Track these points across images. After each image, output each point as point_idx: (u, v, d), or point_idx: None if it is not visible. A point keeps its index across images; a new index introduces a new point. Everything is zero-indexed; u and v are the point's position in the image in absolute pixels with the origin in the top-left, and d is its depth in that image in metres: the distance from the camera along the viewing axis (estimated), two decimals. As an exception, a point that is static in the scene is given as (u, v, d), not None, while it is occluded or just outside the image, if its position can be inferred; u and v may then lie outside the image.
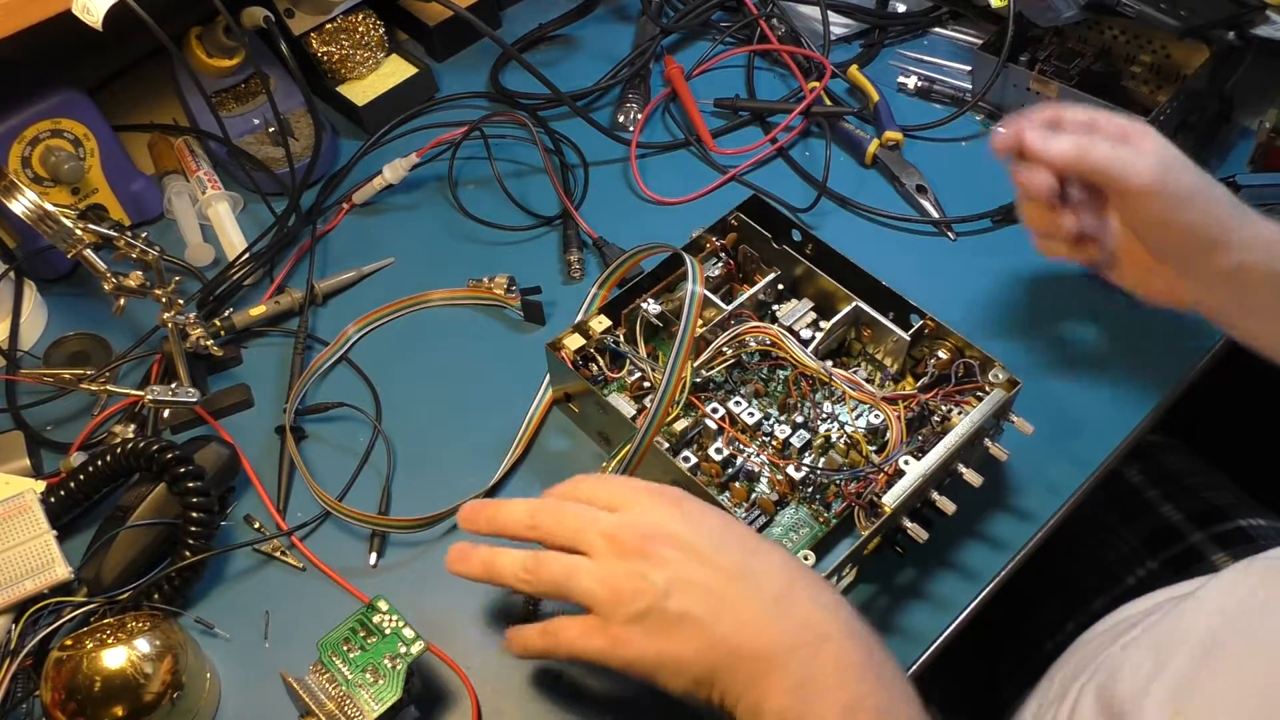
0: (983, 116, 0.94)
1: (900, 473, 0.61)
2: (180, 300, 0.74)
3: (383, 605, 0.60)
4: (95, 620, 0.60)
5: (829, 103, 0.94)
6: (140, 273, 0.72)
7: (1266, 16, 0.81)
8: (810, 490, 0.65)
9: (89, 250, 0.71)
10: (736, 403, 0.68)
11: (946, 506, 0.63)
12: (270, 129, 0.91)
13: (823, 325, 0.71)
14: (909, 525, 0.61)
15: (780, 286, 0.74)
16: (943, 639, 0.63)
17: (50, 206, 0.69)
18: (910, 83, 0.96)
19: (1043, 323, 0.77)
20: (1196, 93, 0.86)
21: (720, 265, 0.75)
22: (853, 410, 0.68)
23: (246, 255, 0.84)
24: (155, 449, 0.65)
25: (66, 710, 0.56)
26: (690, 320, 0.60)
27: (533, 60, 0.96)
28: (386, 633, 0.59)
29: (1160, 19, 0.79)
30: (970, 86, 0.95)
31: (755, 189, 0.87)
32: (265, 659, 0.64)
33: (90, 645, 0.57)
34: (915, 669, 0.62)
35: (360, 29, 0.96)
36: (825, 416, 0.68)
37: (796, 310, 0.73)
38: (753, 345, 0.69)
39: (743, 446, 0.67)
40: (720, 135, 0.94)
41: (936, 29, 1.03)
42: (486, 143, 0.92)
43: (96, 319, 0.82)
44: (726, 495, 0.66)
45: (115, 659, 0.57)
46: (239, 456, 0.71)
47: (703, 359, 0.69)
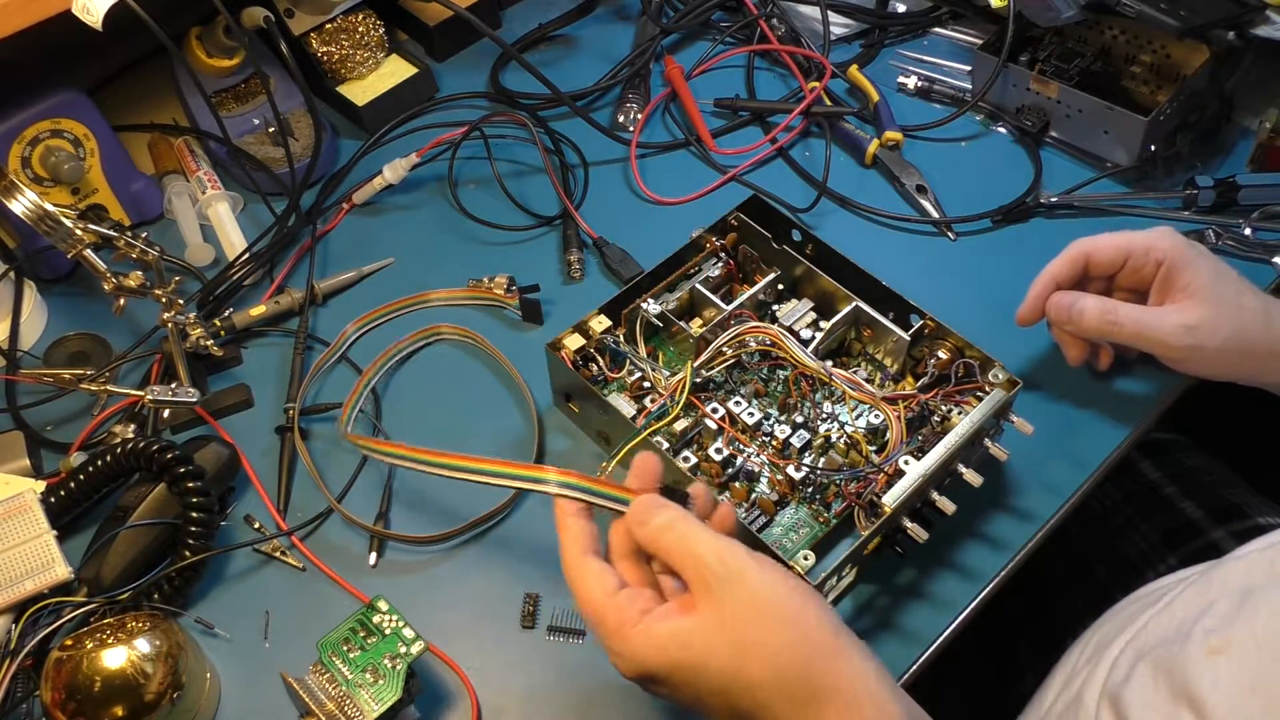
0: (983, 116, 0.94)
1: (900, 473, 0.61)
2: (180, 300, 0.74)
3: (383, 605, 0.60)
4: (95, 620, 0.60)
5: (829, 103, 0.94)
6: (140, 273, 0.72)
7: (1266, 16, 0.81)
8: (810, 490, 0.65)
9: (89, 250, 0.71)
10: (736, 403, 0.68)
11: (946, 506, 0.63)
12: (270, 129, 0.91)
13: (823, 325, 0.71)
14: (909, 525, 0.61)
15: (780, 286, 0.74)
16: (943, 638, 0.63)
17: (50, 206, 0.69)
18: (910, 83, 0.96)
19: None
20: (1196, 93, 0.86)
21: (720, 265, 0.75)
22: (853, 410, 0.68)
23: (246, 255, 0.84)
24: (155, 449, 0.65)
25: (66, 710, 0.56)
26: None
27: (533, 60, 0.96)
28: (386, 633, 0.59)
29: (1160, 19, 0.79)
30: (970, 86, 0.95)
31: (755, 189, 0.87)
32: (265, 659, 0.64)
33: (90, 645, 0.57)
34: (915, 669, 0.62)
35: (360, 29, 0.96)
36: (825, 416, 0.68)
37: (796, 310, 0.73)
38: (753, 345, 0.69)
39: (743, 446, 0.67)
40: (720, 135, 0.94)
41: (936, 29, 1.03)
42: (486, 143, 0.92)
43: (96, 319, 0.82)
44: (727, 495, 0.66)
45: (115, 659, 0.57)
46: (239, 456, 0.71)
47: (703, 359, 0.69)
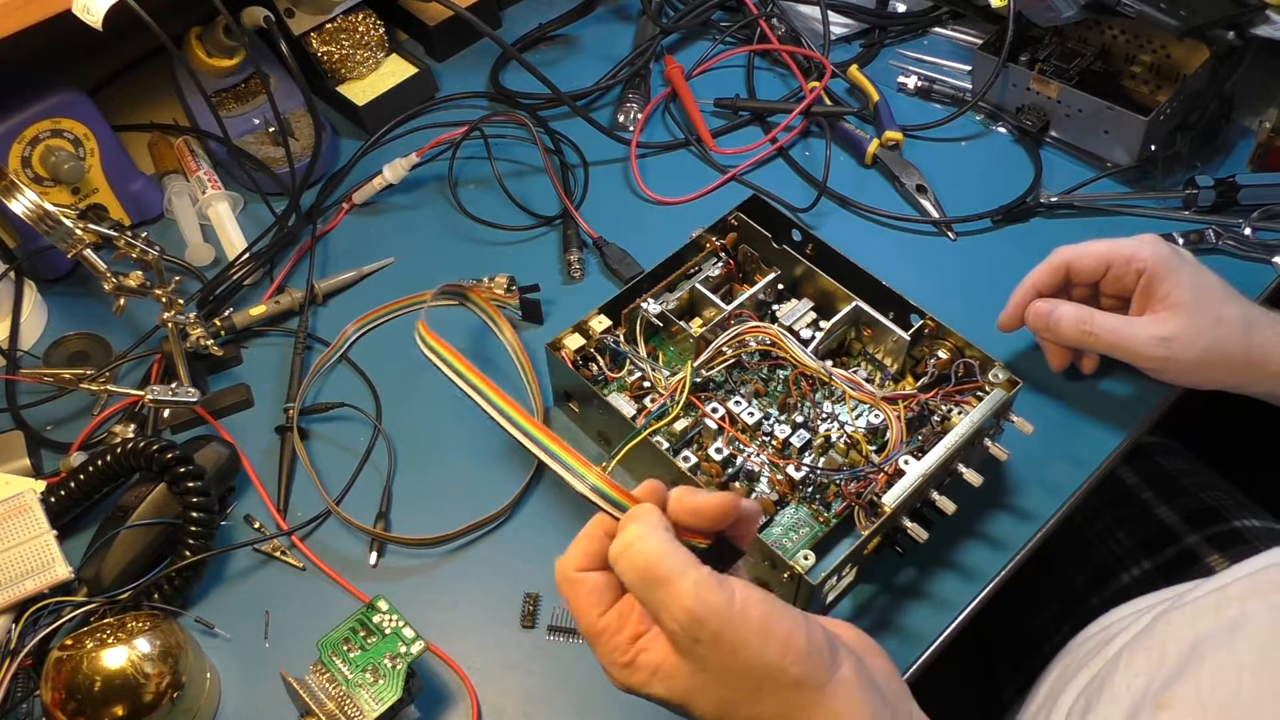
0: (983, 116, 0.94)
1: (900, 473, 0.61)
2: (180, 300, 0.74)
3: (383, 605, 0.60)
4: (95, 620, 0.60)
5: (829, 103, 0.94)
6: (140, 273, 0.72)
7: (1266, 16, 0.81)
8: (810, 490, 0.65)
9: (89, 250, 0.71)
10: (736, 403, 0.68)
11: (946, 506, 0.63)
12: (270, 129, 0.91)
13: (823, 325, 0.71)
14: (909, 525, 0.61)
15: (780, 286, 0.74)
16: (942, 639, 0.63)
17: (50, 206, 0.69)
18: (910, 83, 0.96)
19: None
20: (1196, 93, 0.86)
21: (720, 265, 0.75)
22: (853, 410, 0.68)
23: (246, 255, 0.84)
24: (155, 449, 0.65)
25: (66, 710, 0.56)
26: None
27: (533, 60, 0.96)
28: (386, 633, 0.59)
29: (1160, 19, 0.79)
30: (970, 86, 0.95)
31: (755, 189, 0.87)
32: (265, 659, 0.64)
33: (90, 645, 0.57)
34: (915, 669, 0.62)
35: (360, 29, 0.96)
36: (825, 416, 0.68)
37: (796, 310, 0.73)
38: (753, 345, 0.69)
39: (743, 446, 0.67)
40: (720, 135, 0.94)
41: (936, 29, 1.03)
42: (486, 143, 0.92)
43: (96, 319, 0.82)
44: (726, 495, 0.66)
45: (115, 659, 0.57)
46: (239, 456, 0.71)
47: (703, 359, 0.69)
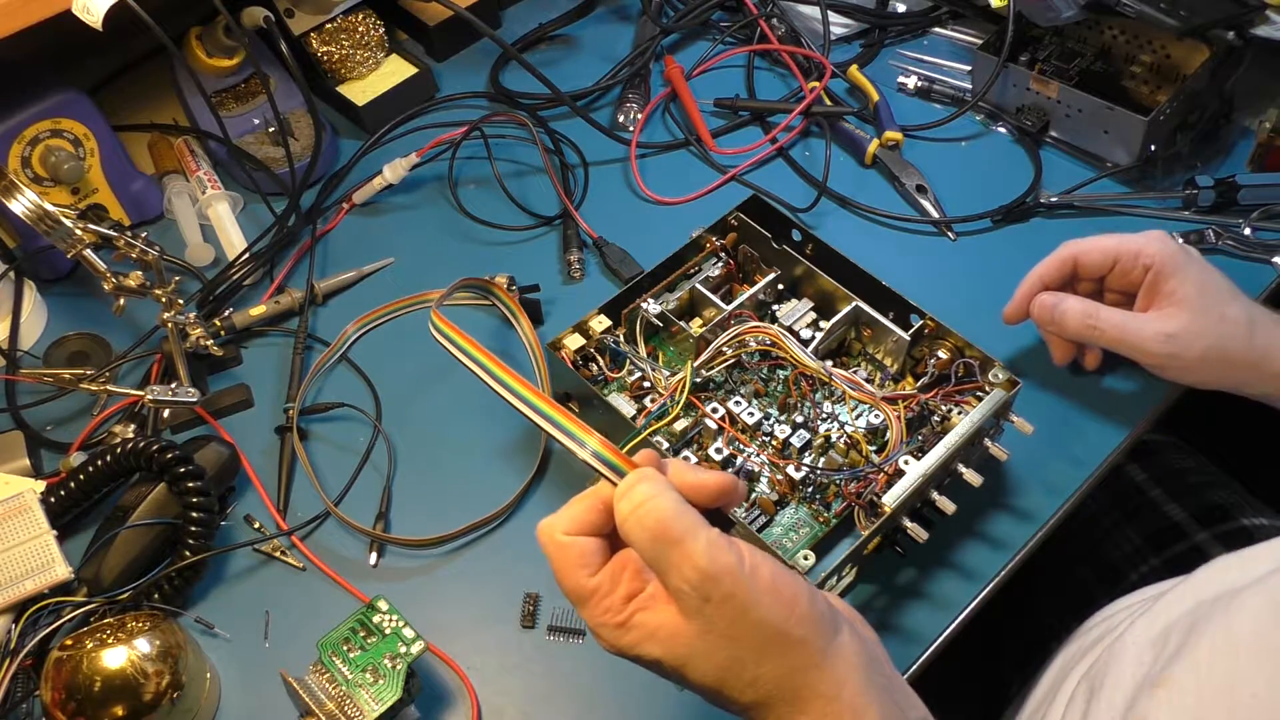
0: (983, 116, 0.94)
1: (900, 473, 0.61)
2: (180, 300, 0.74)
3: (383, 605, 0.60)
4: (95, 620, 0.60)
5: (829, 103, 0.94)
6: (140, 273, 0.72)
7: (1266, 16, 0.81)
8: (810, 490, 0.65)
9: (89, 250, 0.71)
10: (736, 403, 0.68)
11: (946, 506, 0.63)
12: (270, 129, 0.91)
13: (823, 325, 0.71)
14: (909, 525, 0.61)
15: (780, 286, 0.74)
16: (943, 639, 0.63)
17: (50, 206, 0.69)
18: (910, 83, 0.96)
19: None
20: (1196, 93, 0.86)
21: (720, 265, 0.75)
22: (853, 410, 0.68)
23: (246, 255, 0.84)
24: (155, 449, 0.65)
25: (66, 710, 0.56)
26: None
27: (533, 60, 0.96)
28: (386, 633, 0.59)
29: (1160, 19, 0.79)
30: (970, 86, 0.95)
31: (755, 189, 0.87)
32: (265, 659, 0.64)
33: (90, 645, 0.57)
34: (915, 668, 0.62)
35: (360, 29, 0.96)
36: (825, 416, 0.68)
37: (796, 310, 0.73)
38: (753, 345, 0.69)
39: (743, 446, 0.67)
40: (720, 135, 0.94)
41: (936, 29, 1.03)
42: (486, 143, 0.92)
43: (96, 319, 0.82)
44: (726, 495, 0.66)
45: (115, 659, 0.57)
46: (239, 456, 0.71)
47: (703, 359, 0.69)
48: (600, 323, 0.70)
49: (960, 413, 0.65)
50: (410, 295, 0.82)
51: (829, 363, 0.68)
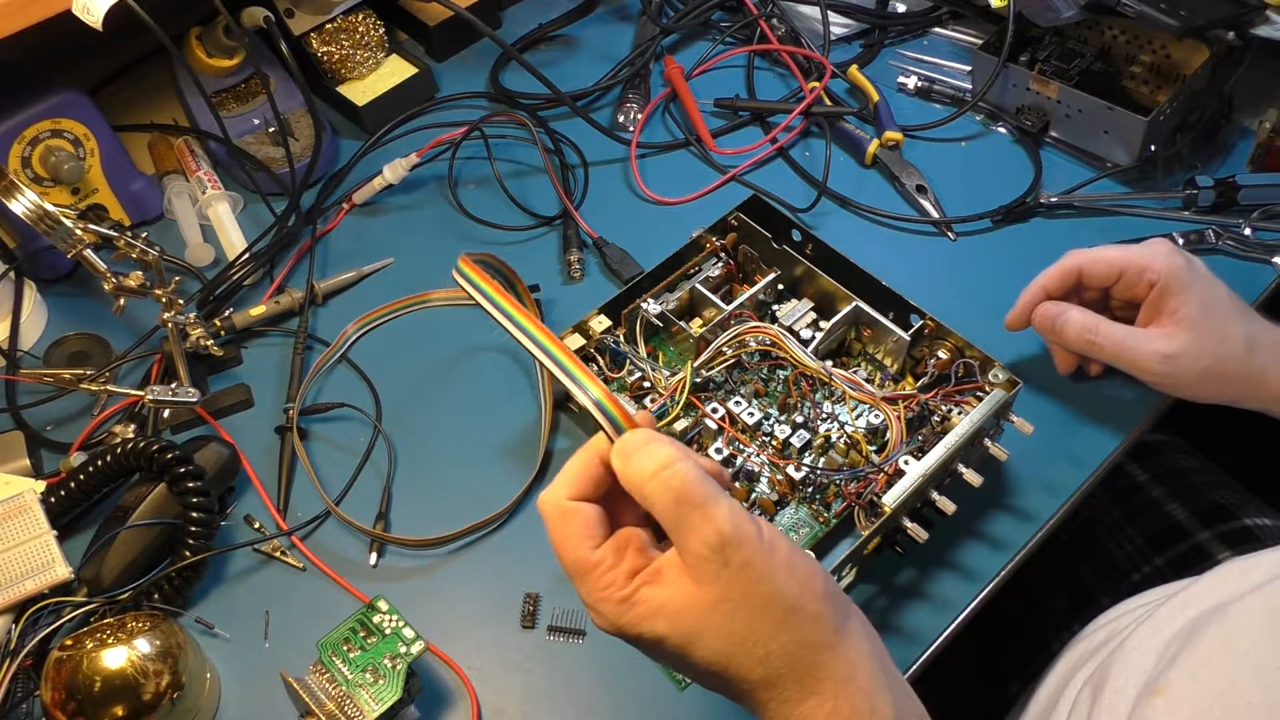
0: (983, 116, 0.94)
1: (900, 473, 0.61)
2: (180, 300, 0.74)
3: (383, 605, 0.60)
4: (95, 620, 0.60)
5: (829, 103, 0.94)
6: (140, 273, 0.72)
7: (1266, 16, 0.81)
8: (810, 490, 0.65)
9: (89, 250, 0.71)
10: (736, 403, 0.68)
11: (946, 506, 0.63)
12: (270, 129, 0.91)
13: (823, 325, 0.71)
14: (909, 525, 0.61)
15: (780, 286, 0.74)
16: (943, 638, 0.63)
17: (50, 206, 0.69)
18: (910, 83, 0.96)
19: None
20: (1196, 93, 0.86)
21: (720, 265, 0.75)
22: (853, 410, 0.68)
23: (246, 255, 0.84)
24: (155, 449, 0.65)
25: (66, 710, 0.56)
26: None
27: (533, 60, 0.96)
28: (386, 633, 0.59)
29: (1160, 19, 0.79)
30: (970, 86, 0.95)
31: (755, 189, 0.87)
32: (265, 659, 0.64)
33: (90, 645, 0.57)
34: (915, 669, 0.62)
35: (360, 29, 0.96)
36: (825, 416, 0.68)
37: (796, 310, 0.73)
38: (753, 345, 0.69)
39: (743, 446, 0.67)
40: (720, 135, 0.94)
41: (936, 29, 1.03)
42: (486, 143, 0.92)
43: (96, 319, 0.82)
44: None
45: (115, 659, 0.57)
46: (239, 456, 0.71)
47: (703, 359, 0.69)
48: (600, 323, 0.70)
49: (960, 413, 0.65)
50: (410, 295, 0.82)
51: (829, 363, 0.68)
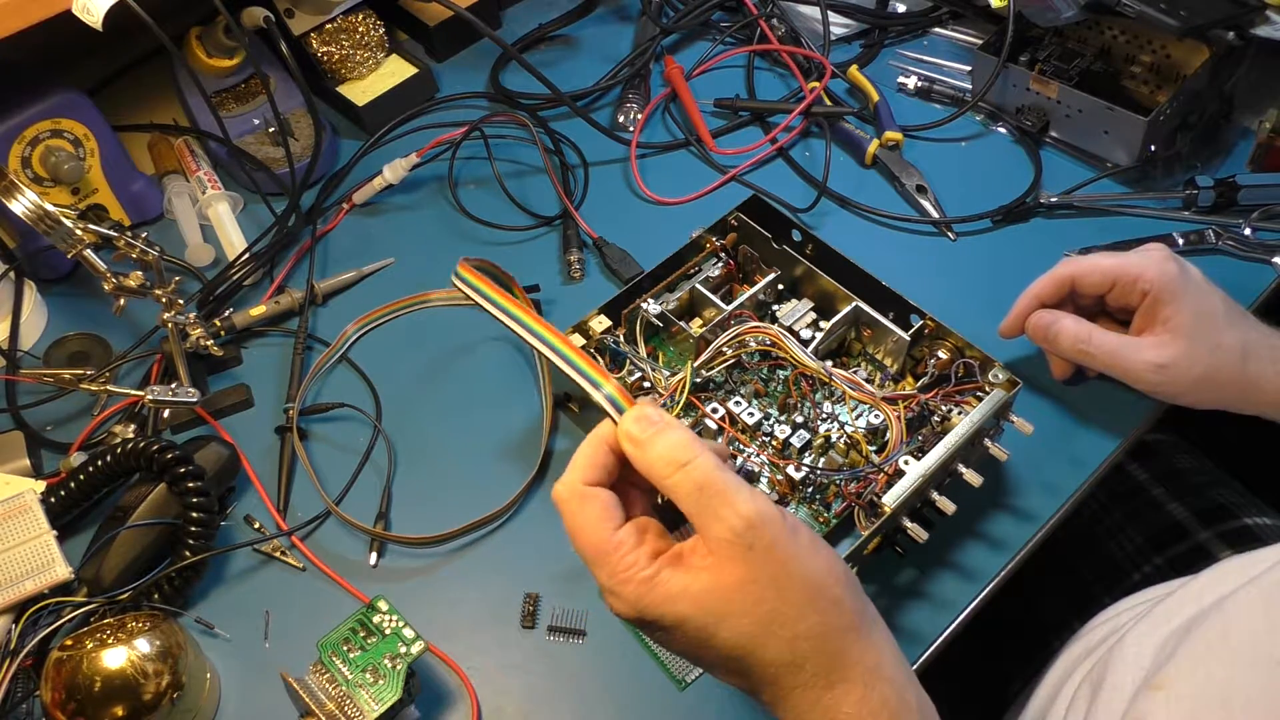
0: (983, 116, 0.94)
1: (900, 473, 0.61)
2: (180, 300, 0.74)
3: (383, 605, 0.60)
4: (95, 620, 0.60)
5: (829, 103, 0.94)
6: (140, 273, 0.72)
7: (1266, 16, 0.81)
8: (810, 490, 0.65)
9: (89, 250, 0.71)
10: (736, 403, 0.68)
11: (946, 506, 0.63)
12: (270, 129, 0.91)
13: (823, 325, 0.71)
14: (909, 525, 0.61)
15: (780, 286, 0.74)
16: (943, 639, 0.63)
17: (50, 206, 0.69)
18: (910, 83, 0.96)
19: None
20: (1196, 93, 0.86)
21: (720, 265, 0.75)
22: (853, 410, 0.68)
23: (246, 255, 0.84)
24: (155, 449, 0.65)
25: (66, 710, 0.56)
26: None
27: (533, 60, 0.96)
28: (386, 633, 0.59)
29: (1160, 19, 0.79)
30: (970, 86, 0.95)
31: (755, 189, 0.87)
32: (265, 659, 0.64)
33: (90, 645, 0.57)
34: (915, 669, 0.62)
35: (360, 29, 0.96)
36: (825, 416, 0.68)
37: (796, 310, 0.73)
38: (753, 345, 0.69)
39: (743, 446, 0.67)
40: (720, 135, 0.94)
41: (936, 29, 1.03)
42: (486, 143, 0.92)
43: (96, 319, 0.82)
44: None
45: (115, 659, 0.57)
46: (239, 456, 0.71)
47: (703, 359, 0.69)
48: (600, 323, 0.70)
49: (960, 413, 0.65)
50: (410, 295, 0.82)
51: (829, 363, 0.68)
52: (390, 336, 0.81)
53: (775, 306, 0.74)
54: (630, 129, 0.95)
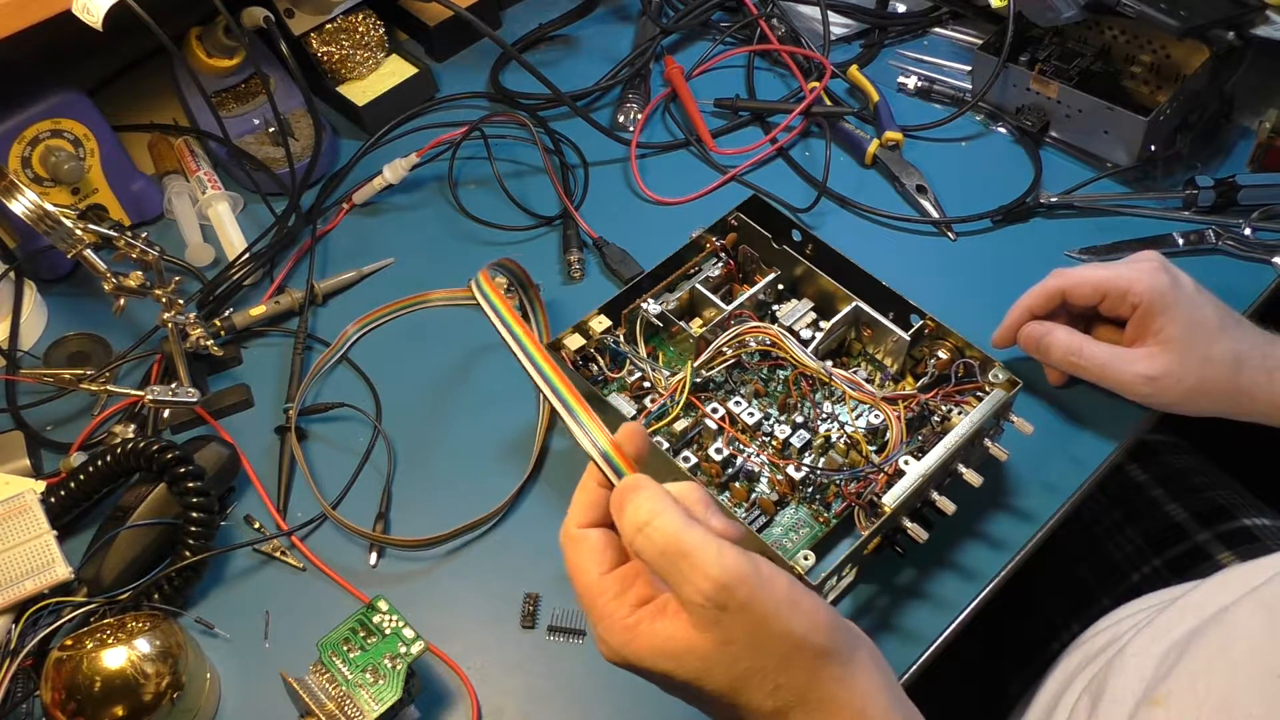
0: (983, 116, 0.94)
1: (900, 473, 0.61)
2: (180, 300, 0.74)
3: (383, 605, 0.60)
4: (95, 620, 0.60)
5: (829, 103, 0.94)
6: (140, 273, 0.72)
7: (1266, 16, 0.81)
8: (810, 490, 0.65)
9: (89, 250, 0.71)
10: (736, 403, 0.68)
11: (946, 506, 0.63)
12: (270, 129, 0.91)
13: (823, 325, 0.71)
14: (909, 525, 0.61)
15: (780, 286, 0.74)
16: (943, 639, 0.63)
17: (50, 206, 0.69)
18: (910, 83, 0.96)
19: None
20: (1196, 93, 0.86)
21: (720, 265, 0.75)
22: (853, 410, 0.68)
23: (246, 255, 0.84)
24: (155, 449, 0.65)
25: (66, 710, 0.56)
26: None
27: (533, 60, 0.96)
28: (386, 633, 0.59)
29: (1160, 19, 0.79)
30: (970, 86, 0.95)
31: (755, 189, 0.87)
32: (265, 659, 0.64)
33: (90, 645, 0.57)
34: (915, 669, 0.62)
35: (360, 29, 0.96)
36: (825, 416, 0.68)
37: (796, 310, 0.73)
38: (753, 345, 0.69)
39: (743, 446, 0.67)
40: (720, 135, 0.94)
41: (936, 29, 1.03)
42: (486, 143, 0.92)
43: (96, 319, 0.82)
44: (727, 495, 0.66)
45: (115, 659, 0.57)
46: (239, 456, 0.71)
47: (703, 359, 0.69)
48: (600, 323, 0.70)
49: (960, 413, 0.65)
50: (410, 295, 0.82)
51: (829, 363, 0.68)
52: (390, 336, 0.81)
53: (775, 306, 0.74)
54: (630, 129, 0.95)
